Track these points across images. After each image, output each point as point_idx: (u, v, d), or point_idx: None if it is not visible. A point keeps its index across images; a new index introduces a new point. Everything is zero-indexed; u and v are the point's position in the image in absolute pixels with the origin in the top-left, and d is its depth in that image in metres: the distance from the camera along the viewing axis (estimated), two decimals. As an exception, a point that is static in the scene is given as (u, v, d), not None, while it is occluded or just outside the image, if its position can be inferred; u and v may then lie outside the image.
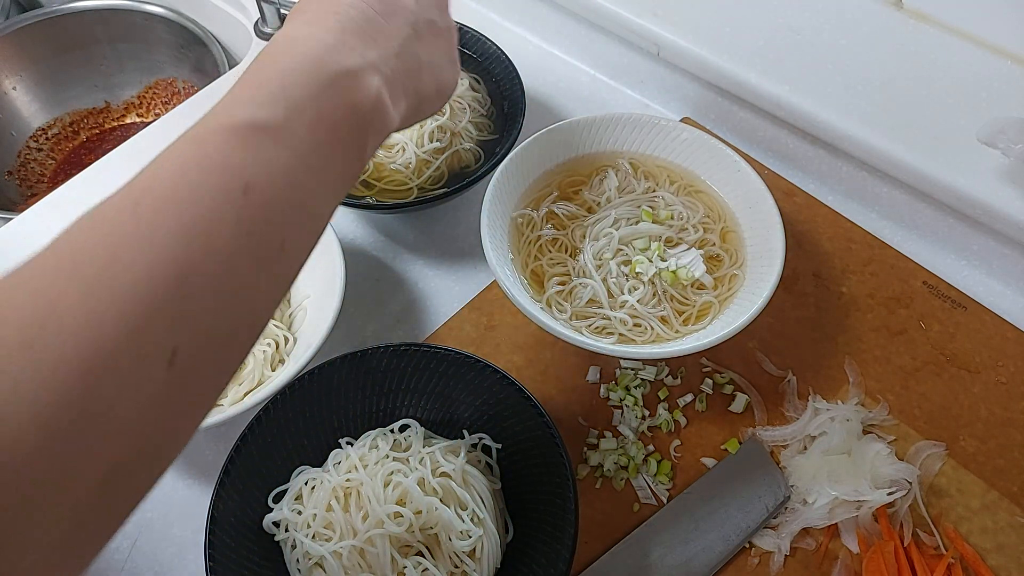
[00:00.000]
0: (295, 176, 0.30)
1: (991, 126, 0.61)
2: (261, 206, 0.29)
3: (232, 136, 0.29)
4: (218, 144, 0.29)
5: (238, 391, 0.57)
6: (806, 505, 0.55)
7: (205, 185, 0.28)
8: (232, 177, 0.28)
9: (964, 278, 0.68)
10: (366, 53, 0.35)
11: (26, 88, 1.03)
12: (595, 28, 0.81)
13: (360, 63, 0.34)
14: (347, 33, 0.35)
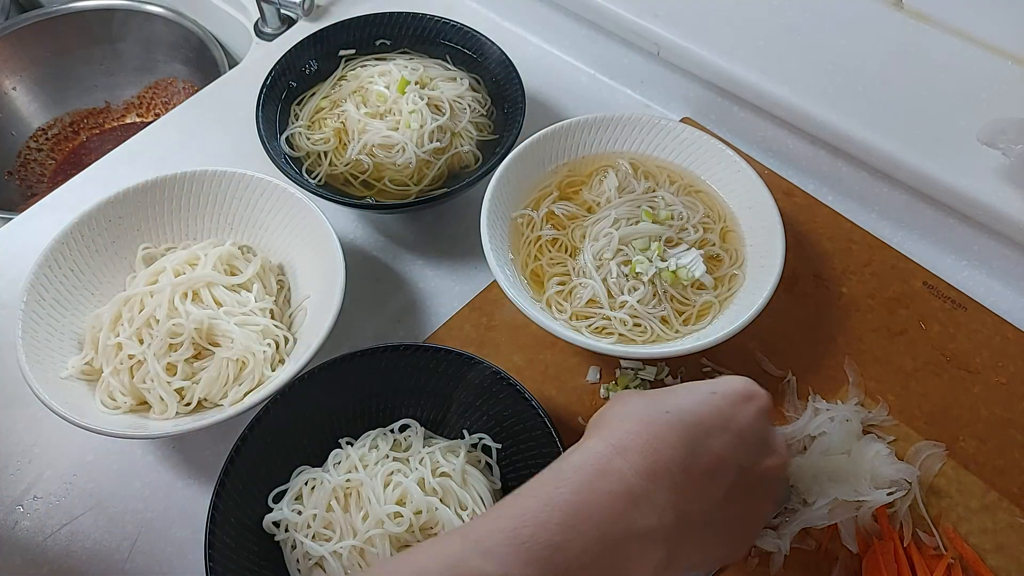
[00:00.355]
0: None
1: (991, 126, 0.61)
2: None
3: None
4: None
5: (238, 391, 0.57)
6: (806, 505, 0.55)
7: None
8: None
9: (964, 278, 0.68)
10: (663, 514, 0.32)
11: (26, 88, 1.03)
12: (595, 28, 0.81)
13: (653, 525, 0.31)
14: (652, 479, 0.32)
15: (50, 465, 0.60)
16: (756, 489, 0.39)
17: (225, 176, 0.64)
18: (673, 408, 0.36)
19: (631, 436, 0.34)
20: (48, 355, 0.56)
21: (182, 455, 0.60)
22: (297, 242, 0.64)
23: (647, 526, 0.31)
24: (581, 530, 0.29)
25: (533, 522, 0.29)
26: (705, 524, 0.34)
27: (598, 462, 0.32)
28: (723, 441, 0.36)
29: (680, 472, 0.33)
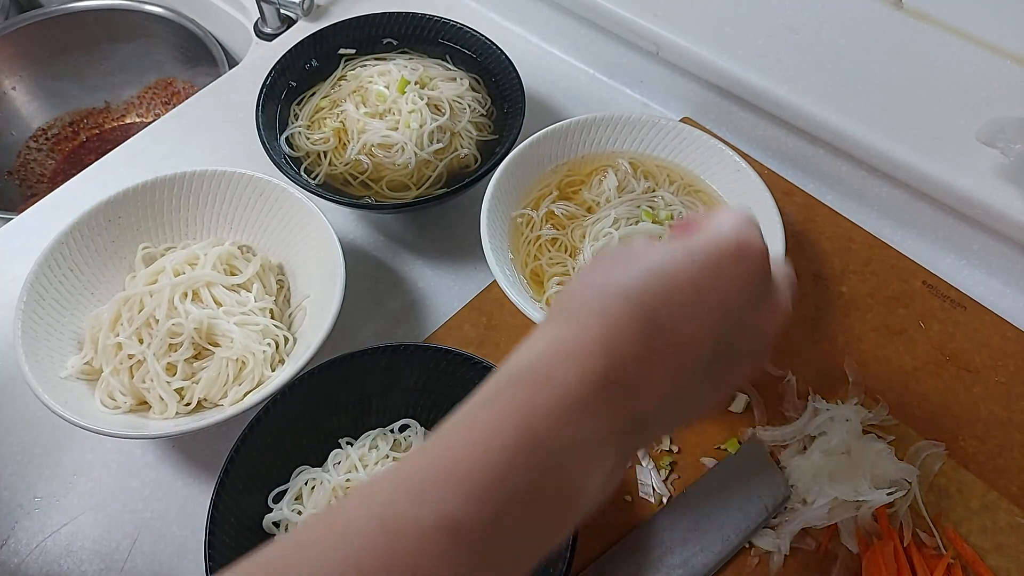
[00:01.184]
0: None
1: (991, 126, 0.61)
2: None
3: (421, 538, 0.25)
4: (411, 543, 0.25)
5: (238, 391, 0.57)
6: (806, 505, 0.55)
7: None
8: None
9: (964, 278, 0.68)
10: (615, 416, 0.28)
11: (26, 88, 1.03)
12: (595, 28, 0.81)
13: (606, 432, 0.28)
14: (604, 383, 0.28)
15: (50, 465, 0.60)
16: (735, 357, 0.34)
17: (225, 176, 0.64)
18: (635, 291, 0.30)
19: (582, 333, 0.29)
20: (48, 355, 0.56)
21: (182, 455, 0.60)
22: (297, 242, 0.64)
23: (597, 435, 0.28)
24: (523, 454, 0.26)
25: (471, 454, 0.26)
26: (667, 406, 0.31)
27: (541, 370, 0.28)
28: (697, 324, 0.31)
29: (637, 367, 0.29)
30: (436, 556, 0.25)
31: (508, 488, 0.26)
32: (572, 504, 0.28)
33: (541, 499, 0.27)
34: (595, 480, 0.28)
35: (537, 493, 0.26)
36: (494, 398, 0.28)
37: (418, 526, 0.25)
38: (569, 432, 0.27)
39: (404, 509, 0.25)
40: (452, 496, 0.25)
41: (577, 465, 0.27)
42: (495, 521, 0.26)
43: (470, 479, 0.26)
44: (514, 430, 0.26)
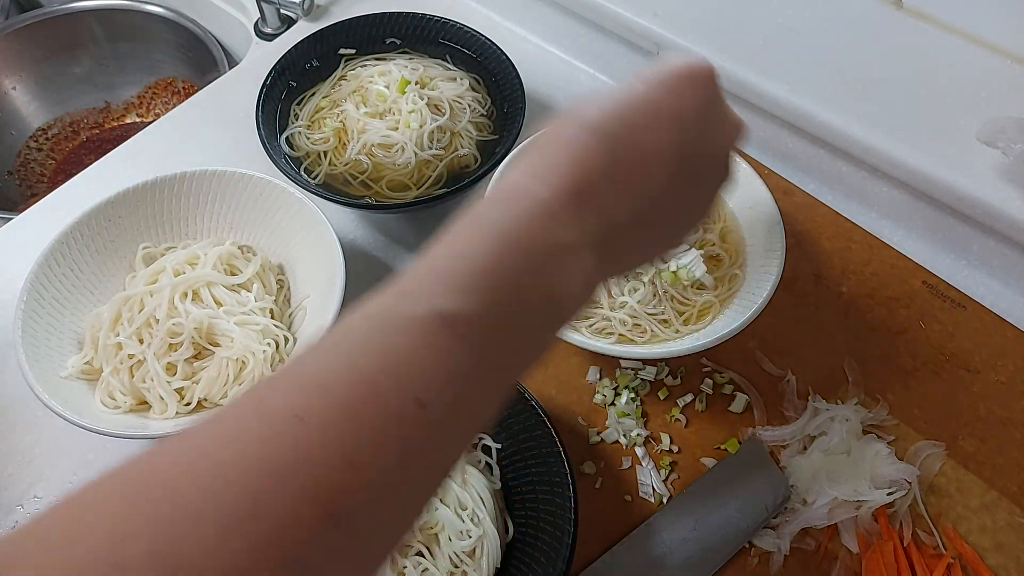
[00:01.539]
0: (476, 387, 0.27)
1: (991, 126, 0.61)
2: (437, 422, 0.26)
3: (421, 333, 0.26)
4: (403, 339, 0.26)
5: (238, 391, 0.57)
6: (806, 505, 0.55)
7: (378, 395, 0.25)
8: (409, 385, 0.25)
9: (964, 278, 0.68)
10: (585, 223, 0.30)
11: (26, 88, 1.03)
12: (595, 28, 0.81)
13: (576, 238, 0.30)
14: (572, 194, 0.30)
15: (50, 465, 0.60)
16: (700, 175, 0.36)
17: (225, 176, 0.64)
18: (595, 118, 0.32)
19: (547, 158, 0.31)
20: (48, 355, 0.56)
21: (182, 455, 0.60)
22: (297, 242, 0.64)
23: (572, 240, 0.30)
24: (504, 258, 0.28)
25: (456, 260, 0.28)
26: (639, 221, 0.32)
27: (512, 190, 0.30)
28: (656, 135, 0.33)
29: (603, 179, 0.31)
30: (432, 348, 0.26)
31: (492, 284, 0.27)
32: (555, 306, 0.29)
33: (525, 298, 0.28)
34: (574, 284, 0.30)
35: (521, 293, 0.28)
36: (473, 217, 0.30)
37: (412, 320, 0.26)
38: (543, 237, 0.29)
39: (399, 308, 0.27)
40: (442, 292, 0.27)
41: (555, 267, 0.29)
42: (485, 314, 0.27)
43: (456, 277, 0.27)
44: (493, 238, 0.28)
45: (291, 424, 0.24)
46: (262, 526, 0.22)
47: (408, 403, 0.25)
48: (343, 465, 0.23)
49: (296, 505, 0.23)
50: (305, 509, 0.23)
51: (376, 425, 0.24)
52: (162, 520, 0.22)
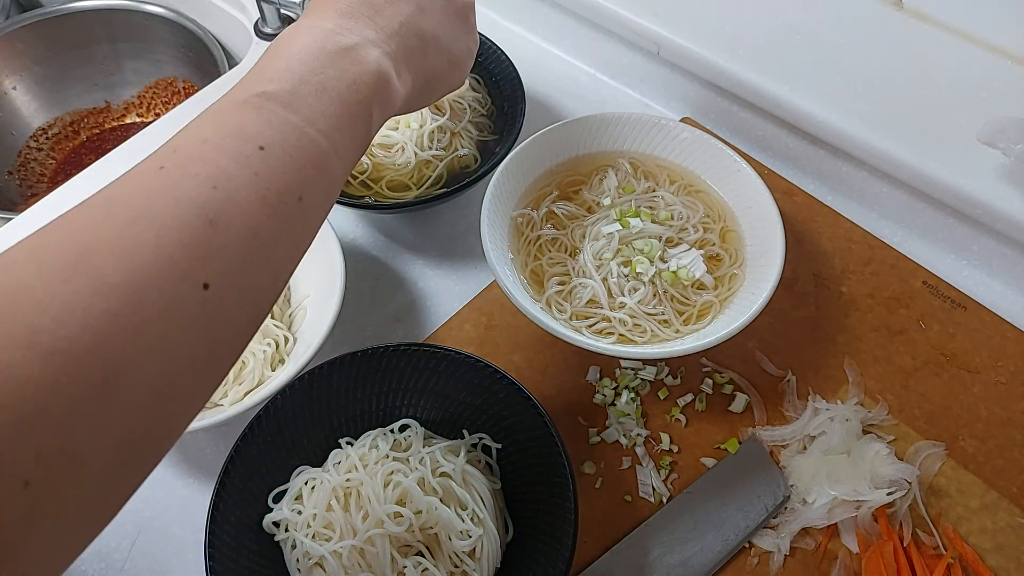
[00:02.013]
0: (306, 136, 0.34)
1: (991, 126, 0.61)
2: (277, 160, 0.32)
3: (245, 106, 0.33)
4: (233, 113, 0.33)
5: (238, 391, 0.57)
6: (805, 505, 0.55)
7: (223, 147, 0.32)
8: (247, 138, 0.32)
9: (964, 278, 0.68)
10: (364, 33, 0.39)
11: (26, 88, 1.03)
12: (595, 27, 0.81)
13: (357, 41, 0.38)
14: (345, 18, 0.39)
15: (50, 465, 0.59)
16: (452, 4, 0.45)
17: (225, 176, 0.64)
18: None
19: (321, 5, 0.40)
20: (48, 355, 0.56)
21: (182, 455, 0.60)
22: (297, 242, 0.64)
23: (352, 41, 0.38)
24: (303, 58, 0.36)
25: (270, 66, 0.36)
26: (402, 33, 0.41)
27: (305, 25, 0.38)
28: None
29: (362, 4, 0.40)
30: (256, 111, 0.33)
31: (298, 74, 0.35)
32: (355, 84, 0.37)
33: (325, 77, 0.36)
34: (367, 63, 0.38)
35: (322, 75, 0.36)
36: (284, 38, 0.38)
37: (238, 101, 0.34)
38: (331, 44, 0.37)
39: (226, 97, 0.35)
40: (261, 82, 0.35)
41: (344, 57, 0.37)
42: (292, 89, 0.35)
43: (275, 72, 0.35)
44: (297, 50, 0.36)
45: (153, 169, 0.32)
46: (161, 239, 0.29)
47: (252, 150, 0.32)
48: (206, 191, 0.30)
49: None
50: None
51: (224, 167, 0.31)
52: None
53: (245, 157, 0.31)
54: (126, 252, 0.27)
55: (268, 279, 0.32)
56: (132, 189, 0.30)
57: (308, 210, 0.34)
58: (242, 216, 0.30)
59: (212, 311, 0.29)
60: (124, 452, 0.27)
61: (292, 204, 0.33)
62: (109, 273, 0.27)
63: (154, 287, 0.27)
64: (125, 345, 0.26)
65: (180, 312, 0.28)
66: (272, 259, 0.32)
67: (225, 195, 0.30)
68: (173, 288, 0.28)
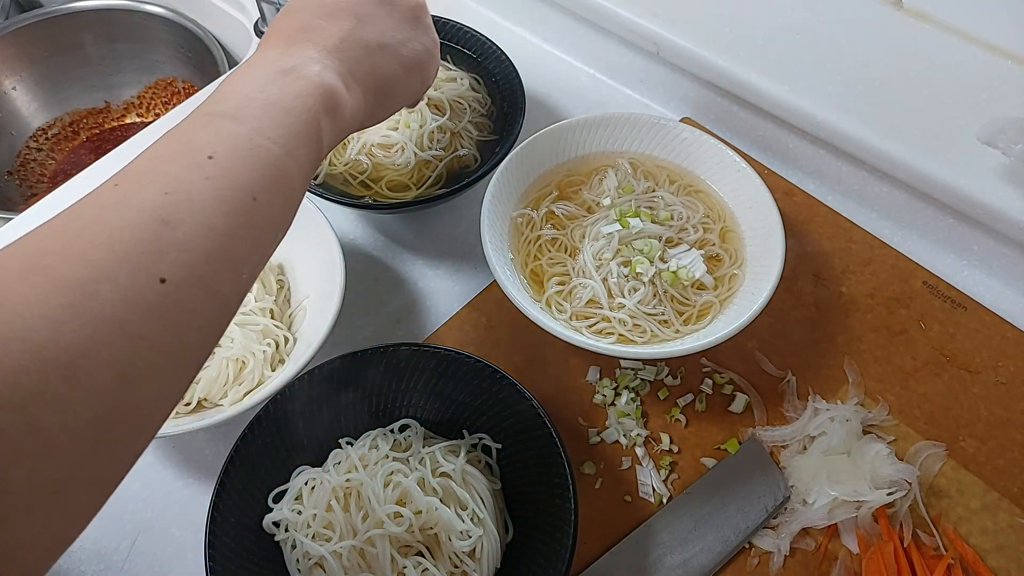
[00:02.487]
0: (254, 143, 0.35)
1: (991, 126, 0.61)
2: (227, 166, 0.34)
3: (194, 124, 0.36)
4: (183, 131, 0.35)
5: (238, 391, 0.57)
6: (806, 505, 0.55)
7: (174, 159, 0.34)
8: (197, 149, 0.34)
9: (964, 278, 0.68)
10: (305, 53, 0.41)
11: (26, 88, 1.03)
12: (595, 28, 0.81)
13: (299, 61, 0.40)
14: (287, 45, 0.42)
15: (50, 465, 0.59)
16: (396, 8, 0.47)
17: (225, 176, 0.64)
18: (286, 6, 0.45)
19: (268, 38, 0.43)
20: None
21: (182, 455, 0.60)
22: (297, 242, 0.64)
23: (293, 63, 0.40)
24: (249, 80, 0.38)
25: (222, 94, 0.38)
26: (343, 48, 0.43)
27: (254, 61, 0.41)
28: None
29: (299, 31, 0.42)
30: (204, 125, 0.35)
31: (244, 94, 0.37)
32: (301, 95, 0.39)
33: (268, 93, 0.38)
34: (309, 77, 0.40)
35: (265, 92, 0.38)
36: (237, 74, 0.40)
37: (190, 120, 0.36)
38: (273, 66, 0.40)
39: (175, 125, 0.36)
40: (207, 105, 0.37)
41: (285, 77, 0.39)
42: (237, 107, 0.37)
43: (222, 96, 0.38)
44: (242, 77, 0.39)
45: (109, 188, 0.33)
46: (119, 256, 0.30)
47: (202, 159, 0.34)
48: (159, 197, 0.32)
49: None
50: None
51: (175, 175, 0.33)
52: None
53: (196, 165, 0.33)
54: (81, 252, 0.29)
55: (229, 272, 0.33)
56: (88, 205, 0.32)
57: (264, 209, 0.35)
58: (195, 214, 0.32)
59: (173, 301, 0.30)
60: (97, 432, 0.28)
61: (247, 203, 0.34)
62: (65, 271, 0.28)
63: (109, 279, 0.29)
64: (84, 331, 0.27)
65: (137, 300, 0.29)
66: (231, 253, 0.33)
67: (177, 198, 0.32)
68: (129, 278, 0.29)
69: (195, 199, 0.32)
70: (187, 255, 0.31)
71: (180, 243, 0.31)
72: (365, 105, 0.44)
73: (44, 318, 0.27)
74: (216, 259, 0.33)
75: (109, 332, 0.28)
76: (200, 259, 0.32)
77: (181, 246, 0.31)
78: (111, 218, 0.31)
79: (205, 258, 0.32)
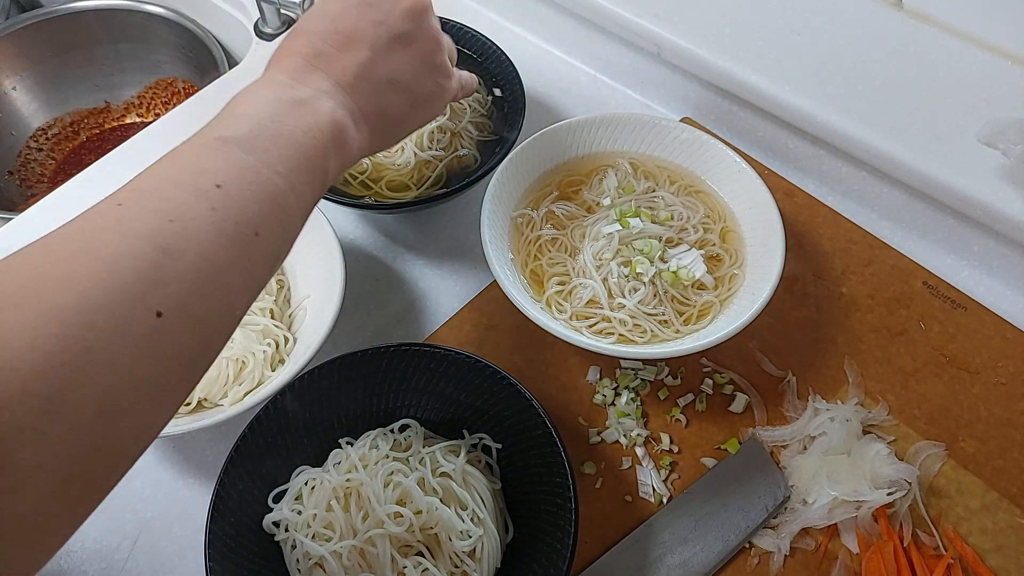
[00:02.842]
0: (262, 176, 0.35)
1: (991, 126, 0.61)
2: (234, 197, 0.34)
3: (204, 148, 0.35)
4: (192, 154, 0.35)
5: (238, 391, 0.57)
6: (806, 505, 0.55)
7: (181, 183, 0.33)
8: (204, 175, 0.34)
9: (964, 278, 0.68)
10: (319, 84, 0.41)
11: (26, 88, 1.03)
12: (595, 28, 0.81)
13: (312, 93, 0.40)
14: (300, 71, 0.41)
15: (50, 465, 0.59)
16: (413, 42, 0.46)
17: (225, 176, 0.64)
18: (299, 27, 0.44)
19: (280, 59, 0.43)
20: (48, 355, 0.56)
21: (182, 455, 0.60)
22: (297, 242, 0.64)
23: (306, 94, 0.40)
24: (262, 108, 0.38)
25: (234, 114, 0.38)
26: (357, 84, 0.43)
27: (265, 79, 0.41)
28: (347, 18, 0.44)
29: (315, 57, 0.42)
30: (214, 152, 0.35)
31: (257, 121, 0.37)
32: (312, 130, 0.39)
33: (281, 124, 0.38)
34: (322, 113, 0.40)
35: (278, 124, 0.37)
36: (247, 95, 0.40)
37: (198, 144, 0.36)
38: (287, 95, 0.39)
39: (185, 143, 0.36)
40: (220, 127, 0.37)
41: (298, 108, 0.39)
42: (249, 134, 0.36)
43: (233, 118, 0.37)
44: (256, 102, 0.38)
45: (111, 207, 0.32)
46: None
47: (209, 187, 0.33)
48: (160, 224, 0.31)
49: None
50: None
51: (181, 202, 0.32)
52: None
53: (202, 192, 0.33)
54: (77, 278, 0.28)
55: (223, 307, 0.33)
56: (89, 224, 0.31)
57: (264, 244, 0.35)
58: (196, 245, 0.31)
59: (165, 335, 0.30)
60: (71, 467, 0.27)
61: (248, 237, 0.34)
62: (59, 296, 0.27)
63: (105, 309, 0.28)
64: (74, 363, 0.26)
65: (131, 333, 0.28)
66: (227, 288, 0.33)
67: (180, 227, 0.31)
68: (125, 310, 0.28)
69: (197, 228, 0.32)
70: (185, 287, 0.30)
71: (178, 275, 0.30)
72: (371, 141, 0.44)
73: (34, 348, 0.26)
74: (211, 293, 0.32)
75: (99, 365, 0.27)
76: (196, 292, 0.31)
77: (178, 278, 0.30)
78: (112, 241, 0.30)
79: (201, 291, 0.31)
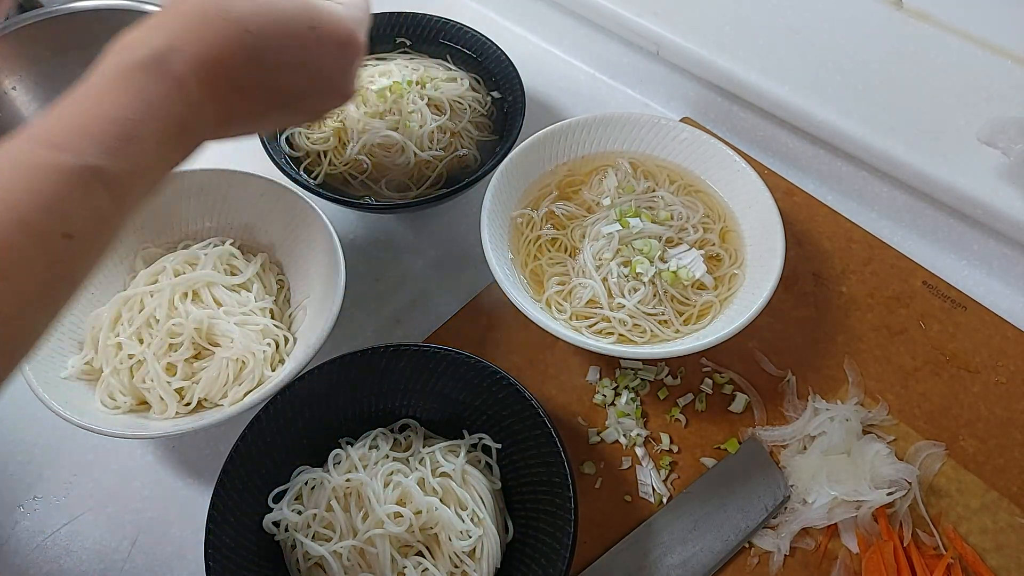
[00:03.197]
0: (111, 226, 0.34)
1: (991, 126, 0.61)
2: (77, 253, 0.32)
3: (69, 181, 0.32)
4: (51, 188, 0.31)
5: (238, 391, 0.57)
6: (805, 505, 0.55)
7: (26, 236, 0.30)
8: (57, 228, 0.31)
9: (964, 278, 0.68)
10: (211, 110, 0.37)
11: (26, 88, 1.03)
12: (595, 28, 0.81)
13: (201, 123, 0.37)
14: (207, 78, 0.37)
15: (50, 465, 0.60)
16: (298, 113, 0.43)
17: (225, 175, 0.64)
18: (253, 22, 0.37)
19: (188, 34, 0.37)
20: (48, 355, 0.56)
21: (182, 455, 0.60)
22: (297, 242, 0.64)
23: (198, 124, 0.36)
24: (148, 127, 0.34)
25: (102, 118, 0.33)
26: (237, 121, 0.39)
27: (156, 55, 0.36)
28: (294, 78, 0.39)
29: (229, 88, 0.37)
30: (81, 193, 0.31)
31: (140, 149, 0.33)
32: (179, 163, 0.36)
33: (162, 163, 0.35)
34: (197, 147, 0.37)
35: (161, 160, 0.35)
36: (119, 76, 0.36)
37: (62, 170, 0.31)
38: (180, 118, 0.35)
39: (48, 157, 0.31)
40: (93, 150, 0.32)
41: (186, 140, 0.36)
42: (130, 172, 0.33)
43: (106, 138, 0.32)
44: (140, 108, 0.34)
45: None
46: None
47: (56, 236, 0.30)
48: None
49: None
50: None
51: (26, 252, 0.30)
52: None
53: (48, 245, 0.31)
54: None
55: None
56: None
57: (82, 281, 0.34)
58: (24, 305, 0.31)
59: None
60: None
61: (75, 286, 0.34)
62: None
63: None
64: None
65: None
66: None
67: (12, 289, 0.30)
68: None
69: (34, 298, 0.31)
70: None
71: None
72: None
73: None
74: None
75: None
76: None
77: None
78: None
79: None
